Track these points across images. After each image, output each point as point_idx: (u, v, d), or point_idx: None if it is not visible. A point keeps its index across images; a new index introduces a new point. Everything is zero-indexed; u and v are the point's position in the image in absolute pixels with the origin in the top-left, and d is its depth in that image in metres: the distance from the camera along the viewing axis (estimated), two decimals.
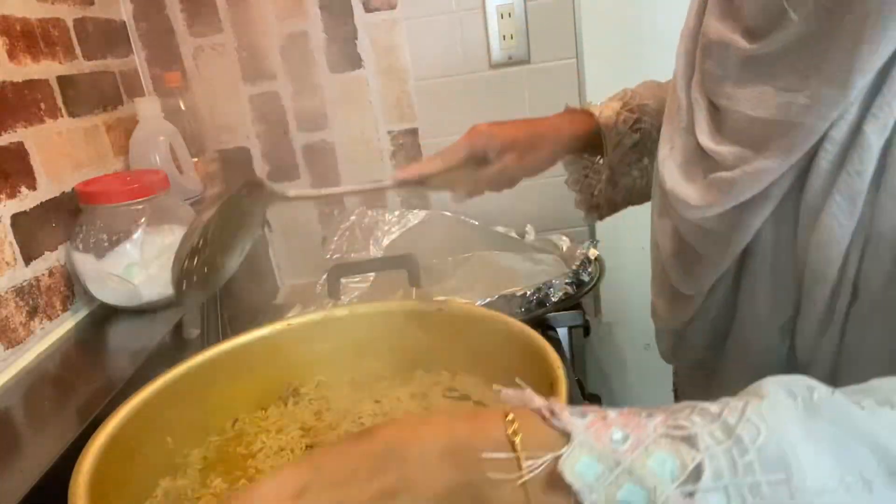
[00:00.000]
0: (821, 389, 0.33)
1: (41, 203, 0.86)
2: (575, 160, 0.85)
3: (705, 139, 0.57)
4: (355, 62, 1.26)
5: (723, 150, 0.55)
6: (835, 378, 0.52)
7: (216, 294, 1.01)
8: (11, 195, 0.81)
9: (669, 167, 0.61)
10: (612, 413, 0.33)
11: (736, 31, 0.55)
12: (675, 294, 0.66)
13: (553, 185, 1.38)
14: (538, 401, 0.35)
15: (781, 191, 0.52)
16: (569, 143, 0.78)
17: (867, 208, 0.47)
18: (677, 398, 0.82)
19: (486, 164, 0.72)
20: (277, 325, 0.70)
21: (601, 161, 0.82)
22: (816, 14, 0.48)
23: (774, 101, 0.50)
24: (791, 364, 0.57)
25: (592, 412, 0.33)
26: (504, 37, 1.24)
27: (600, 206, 0.84)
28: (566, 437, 0.32)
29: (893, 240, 0.47)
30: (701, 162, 0.58)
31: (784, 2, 0.49)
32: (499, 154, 0.72)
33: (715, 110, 0.58)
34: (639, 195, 0.82)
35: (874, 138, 0.46)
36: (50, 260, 0.87)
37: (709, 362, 0.66)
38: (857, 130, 0.47)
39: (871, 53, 0.44)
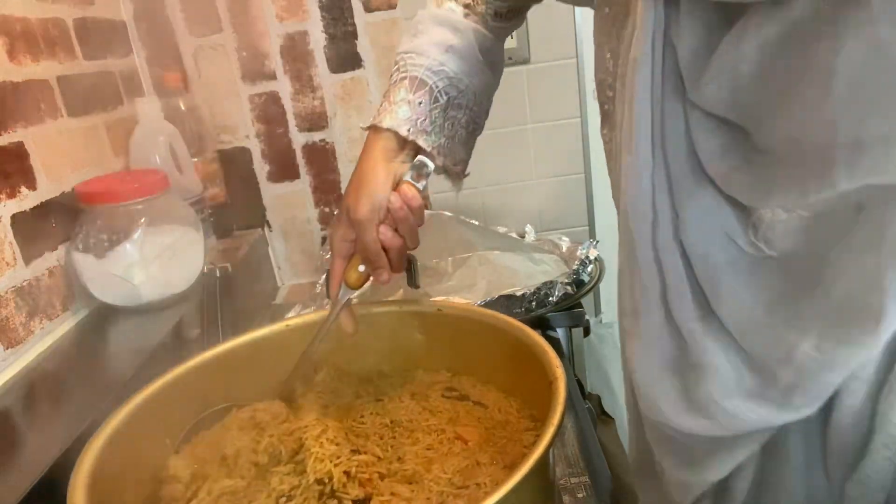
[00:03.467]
0: None
1: (41, 203, 0.86)
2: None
3: (689, 321, 0.44)
4: (355, 62, 1.26)
5: (714, 357, 0.43)
6: None
7: (216, 294, 1.01)
8: (11, 195, 0.81)
9: (637, 354, 0.48)
10: None
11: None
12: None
13: (553, 185, 1.39)
14: None
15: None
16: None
17: None
18: None
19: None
20: (277, 325, 0.70)
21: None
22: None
23: (765, 327, 0.41)
24: None
25: None
26: None
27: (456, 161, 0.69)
28: None
29: None
30: (681, 357, 0.45)
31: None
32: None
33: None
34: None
35: None
36: (50, 260, 0.87)
37: None
38: (890, 367, 0.39)
39: None
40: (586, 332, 1.07)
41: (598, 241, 1.11)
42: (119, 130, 1.10)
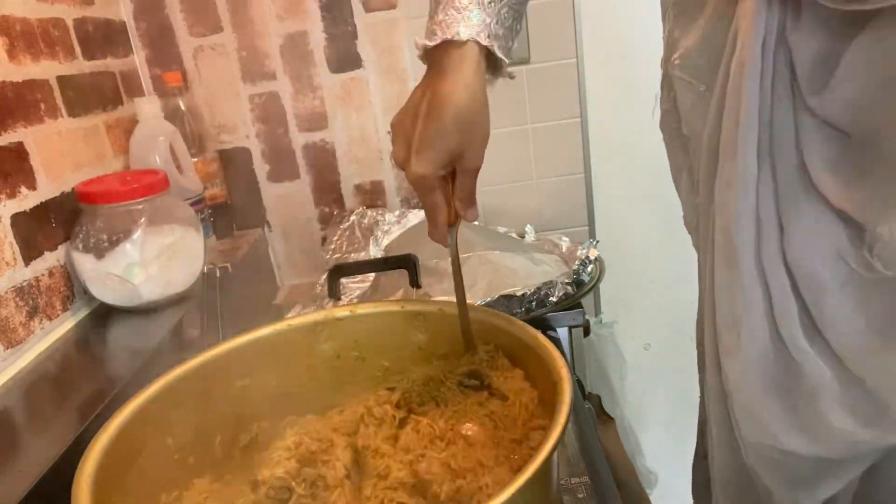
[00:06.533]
0: None
1: (41, 203, 0.86)
2: None
3: (798, 339, 0.41)
4: (355, 62, 1.25)
5: (825, 379, 0.40)
6: None
7: (216, 294, 1.01)
8: (11, 195, 0.81)
9: (737, 372, 0.44)
10: None
11: None
12: None
13: (553, 185, 1.39)
14: None
15: None
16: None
17: None
18: None
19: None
20: (277, 325, 0.69)
21: None
22: None
23: (878, 354, 0.38)
24: None
25: None
26: None
27: None
28: None
29: None
30: (788, 376, 0.42)
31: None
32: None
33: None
34: None
35: None
36: (50, 260, 0.87)
37: None
38: None
39: None
40: (586, 332, 1.07)
41: (598, 241, 1.11)
42: (119, 130, 1.10)
